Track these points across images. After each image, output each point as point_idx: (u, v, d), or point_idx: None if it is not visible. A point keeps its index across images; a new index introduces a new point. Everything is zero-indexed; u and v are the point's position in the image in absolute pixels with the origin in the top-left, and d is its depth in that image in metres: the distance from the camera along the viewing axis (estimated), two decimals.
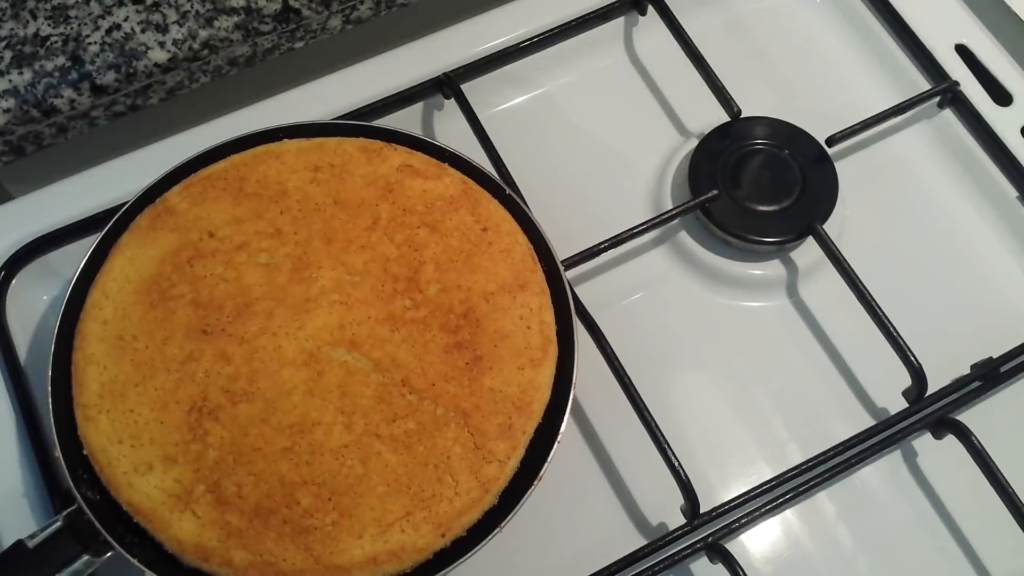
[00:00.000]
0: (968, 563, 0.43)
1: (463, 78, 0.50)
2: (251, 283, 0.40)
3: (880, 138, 0.52)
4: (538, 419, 0.39)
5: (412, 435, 0.37)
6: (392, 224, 0.41)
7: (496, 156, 0.47)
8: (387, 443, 0.37)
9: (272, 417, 0.37)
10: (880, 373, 0.45)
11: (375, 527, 0.36)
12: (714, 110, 0.50)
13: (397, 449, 0.37)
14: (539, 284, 0.41)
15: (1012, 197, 0.50)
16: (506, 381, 0.38)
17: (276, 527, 0.36)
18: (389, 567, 0.36)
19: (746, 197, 0.48)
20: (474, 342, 0.39)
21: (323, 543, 0.36)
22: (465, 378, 0.38)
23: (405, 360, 0.38)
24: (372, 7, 0.53)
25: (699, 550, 0.41)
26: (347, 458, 0.37)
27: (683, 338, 0.47)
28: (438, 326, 0.39)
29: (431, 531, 0.36)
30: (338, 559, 0.35)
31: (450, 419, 0.38)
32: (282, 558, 0.35)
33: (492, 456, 0.37)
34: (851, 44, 0.55)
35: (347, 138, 0.43)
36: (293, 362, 0.38)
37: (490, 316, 0.39)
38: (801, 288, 0.48)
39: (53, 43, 0.47)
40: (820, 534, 0.43)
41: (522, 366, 0.39)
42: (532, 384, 0.39)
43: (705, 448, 0.44)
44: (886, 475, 0.44)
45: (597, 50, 0.54)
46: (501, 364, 0.39)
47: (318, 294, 0.40)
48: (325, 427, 0.37)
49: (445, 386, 0.38)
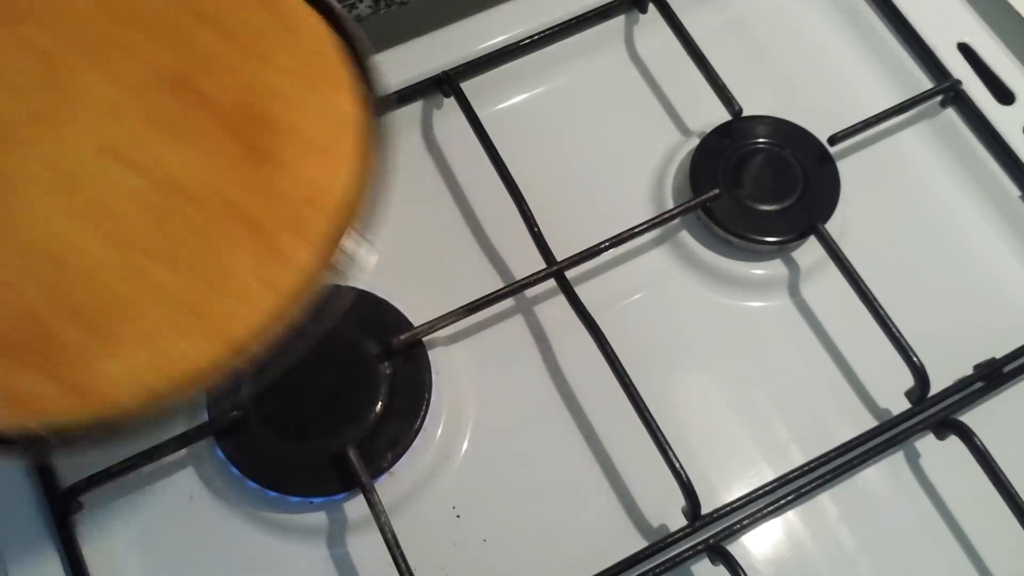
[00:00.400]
0: (971, 564, 0.42)
1: (463, 76, 0.50)
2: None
3: (882, 137, 0.52)
4: (337, 216, 0.34)
5: (188, 248, 0.33)
6: (165, 21, 0.36)
7: (495, 155, 0.47)
8: (159, 260, 0.33)
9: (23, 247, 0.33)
10: (882, 373, 0.45)
11: (136, 339, 0.32)
12: (715, 109, 0.49)
13: (171, 266, 0.33)
14: (338, 76, 0.36)
15: (1015, 196, 0.49)
16: (298, 178, 0.35)
17: (22, 358, 0.32)
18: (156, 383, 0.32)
19: (747, 196, 0.48)
20: (263, 140, 0.35)
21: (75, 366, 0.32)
22: (252, 180, 0.34)
23: (181, 168, 0.34)
24: (371, 5, 0.53)
25: (700, 552, 0.41)
26: (112, 281, 0.33)
27: (684, 338, 0.47)
28: (220, 127, 0.35)
29: (205, 339, 0.32)
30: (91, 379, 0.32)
31: (234, 225, 0.34)
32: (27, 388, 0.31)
33: (279, 255, 0.33)
34: (853, 43, 0.55)
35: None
36: (50, 182, 0.34)
37: (281, 112, 0.35)
38: (803, 288, 0.48)
39: None
40: (822, 535, 0.43)
41: (317, 160, 0.35)
42: (331, 179, 0.35)
43: (706, 449, 0.44)
44: (888, 476, 0.44)
45: (597, 49, 0.53)
46: (293, 161, 0.35)
47: (80, 105, 0.35)
48: (85, 252, 0.33)
49: (229, 191, 0.34)
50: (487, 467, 0.44)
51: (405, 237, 0.49)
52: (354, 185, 0.35)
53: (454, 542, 0.42)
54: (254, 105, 0.35)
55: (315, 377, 0.43)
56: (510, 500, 0.43)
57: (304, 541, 0.42)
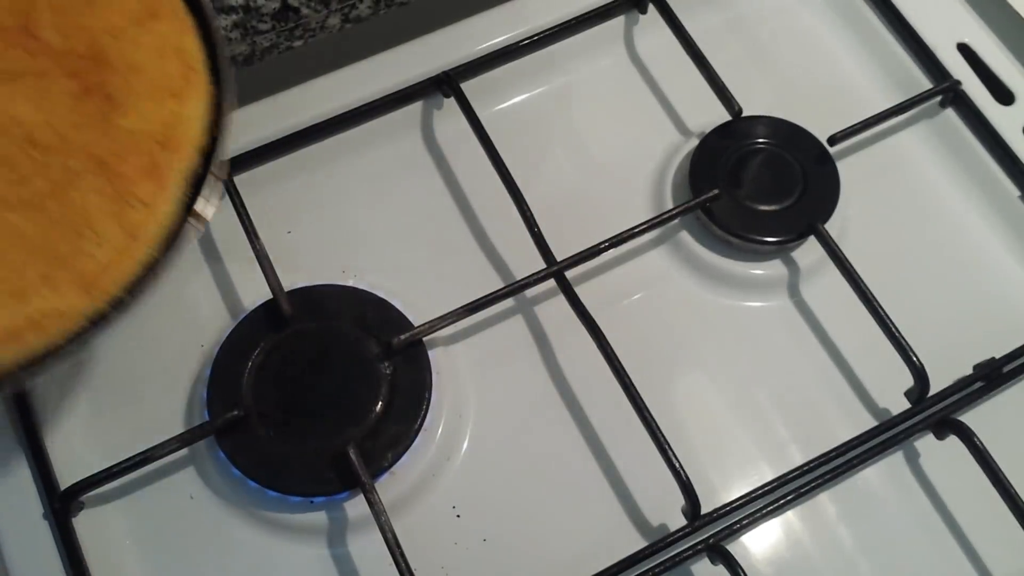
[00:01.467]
0: (970, 564, 0.42)
1: (463, 76, 0.50)
2: None
3: (882, 137, 0.52)
4: (188, 155, 0.35)
5: (43, 195, 0.33)
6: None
7: (495, 155, 0.47)
8: (15, 209, 0.33)
9: None
10: (882, 373, 0.45)
11: (8, 297, 0.32)
12: (715, 109, 0.49)
13: (28, 214, 0.33)
14: (173, 9, 0.37)
15: (1015, 196, 0.49)
16: (144, 118, 0.35)
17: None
18: (32, 338, 0.32)
19: (747, 197, 0.48)
20: (104, 83, 0.35)
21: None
22: (99, 123, 0.34)
23: (26, 115, 0.34)
24: (371, 6, 0.53)
25: (700, 551, 0.41)
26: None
27: (684, 338, 0.47)
28: (61, 72, 0.35)
29: (75, 291, 0.32)
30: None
31: (86, 170, 0.34)
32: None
33: (136, 199, 0.33)
34: (852, 43, 0.55)
35: None
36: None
37: (119, 51, 0.35)
38: (802, 288, 0.48)
39: None
40: (822, 535, 0.43)
41: (161, 99, 0.35)
42: (176, 117, 0.35)
43: (706, 449, 0.44)
44: (888, 476, 0.44)
45: (597, 49, 0.53)
46: (136, 101, 0.35)
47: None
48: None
49: (76, 136, 0.34)
50: (487, 467, 0.44)
51: (405, 237, 0.49)
52: (201, 123, 0.35)
53: (454, 541, 0.42)
54: (90, 46, 0.35)
55: (315, 377, 0.43)
56: (510, 500, 0.43)
57: (304, 541, 0.42)
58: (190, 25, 0.37)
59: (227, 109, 0.36)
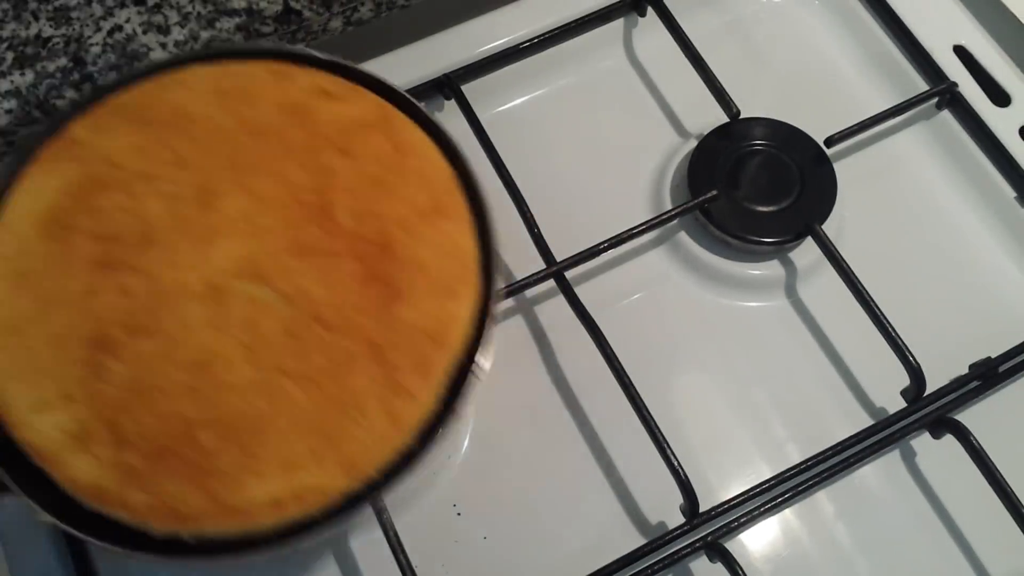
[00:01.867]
0: (967, 562, 0.43)
1: (463, 79, 0.50)
2: (154, 214, 0.37)
3: (878, 139, 0.52)
4: (456, 353, 0.36)
5: (321, 371, 0.35)
6: (303, 150, 0.38)
7: (496, 156, 0.48)
8: (294, 380, 0.35)
9: (174, 353, 0.35)
10: (878, 373, 0.46)
11: (278, 467, 0.34)
12: (713, 111, 0.50)
13: (305, 386, 0.35)
14: (458, 210, 0.38)
15: (1010, 198, 0.50)
16: (422, 313, 0.36)
17: (175, 468, 0.34)
18: (293, 509, 0.34)
19: (745, 197, 0.48)
20: (389, 272, 0.36)
21: (224, 484, 0.33)
22: (379, 310, 0.36)
23: (315, 292, 0.36)
24: (373, 8, 0.53)
25: (698, 549, 0.41)
26: (252, 396, 0.35)
27: (682, 338, 0.47)
28: (351, 256, 0.37)
29: (337, 470, 0.34)
30: (239, 501, 0.33)
31: (362, 354, 0.35)
32: (181, 500, 0.33)
33: (405, 392, 0.35)
34: (849, 45, 0.55)
35: (256, 61, 0.41)
36: (197, 296, 0.36)
37: (405, 244, 0.37)
38: (800, 288, 0.48)
39: (55, 44, 0.47)
40: (819, 533, 0.43)
41: (439, 297, 0.36)
42: (450, 316, 0.36)
43: (704, 448, 0.44)
44: (884, 474, 0.44)
45: (597, 51, 0.54)
46: (417, 295, 0.36)
47: (224, 225, 0.37)
48: (229, 364, 0.35)
49: (357, 319, 0.36)
50: (487, 466, 0.44)
51: None
52: (471, 323, 0.37)
53: (455, 540, 0.42)
54: (380, 234, 0.37)
55: None
56: (510, 498, 0.43)
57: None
58: (471, 225, 0.38)
59: (493, 305, 0.37)
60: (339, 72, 0.41)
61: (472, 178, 0.39)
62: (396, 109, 0.40)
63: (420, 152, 0.39)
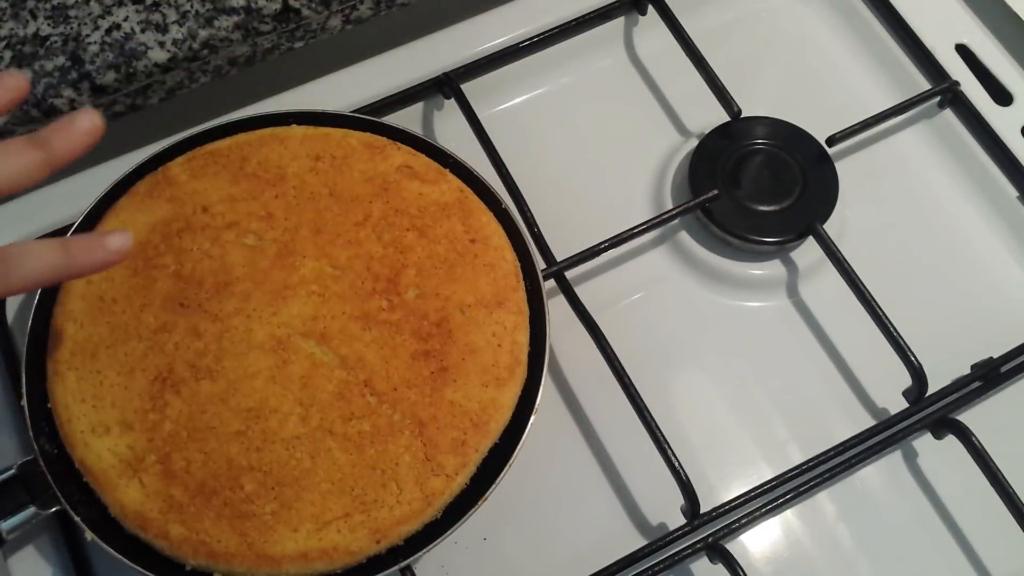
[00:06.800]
0: (968, 563, 0.43)
1: (463, 78, 0.50)
2: (234, 262, 0.40)
3: (880, 138, 0.52)
4: (494, 439, 0.38)
5: (365, 437, 0.37)
6: (382, 223, 0.41)
7: (496, 156, 0.47)
8: (339, 441, 0.37)
9: (231, 398, 0.38)
10: (880, 373, 0.45)
11: (312, 523, 0.36)
12: (714, 110, 0.50)
13: (348, 448, 0.37)
14: (518, 304, 0.40)
15: (1012, 197, 0.50)
16: (468, 396, 0.38)
17: (216, 508, 0.36)
18: (319, 565, 0.36)
19: (746, 197, 0.48)
20: (443, 352, 0.39)
21: (259, 531, 0.36)
22: (428, 387, 0.38)
23: (371, 360, 0.38)
24: (372, 7, 0.53)
25: (699, 550, 0.41)
26: (297, 450, 0.37)
27: (683, 338, 0.47)
28: (410, 331, 0.39)
29: (367, 535, 0.36)
30: (270, 549, 0.36)
31: (405, 426, 0.37)
32: (217, 539, 0.36)
33: (440, 469, 0.37)
34: (851, 44, 0.55)
35: (353, 131, 0.44)
36: (261, 346, 0.38)
37: (463, 328, 0.39)
38: (801, 288, 0.48)
39: (53, 43, 0.47)
40: (820, 534, 0.43)
41: (486, 383, 0.39)
42: (493, 403, 0.38)
43: (705, 448, 0.44)
44: (886, 475, 0.44)
45: (597, 50, 0.54)
46: (466, 378, 0.38)
47: (297, 282, 0.40)
48: (281, 416, 0.37)
49: (406, 392, 0.38)
50: None
51: None
52: (511, 410, 0.39)
53: (454, 540, 0.42)
54: (440, 315, 0.39)
55: None
56: (510, 498, 0.43)
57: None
58: (526, 320, 0.40)
59: (537, 400, 0.39)
60: (430, 153, 0.43)
61: (534, 270, 0.41)
62: (475, 195, 0.43)
63: (490, 240, 0.41)
